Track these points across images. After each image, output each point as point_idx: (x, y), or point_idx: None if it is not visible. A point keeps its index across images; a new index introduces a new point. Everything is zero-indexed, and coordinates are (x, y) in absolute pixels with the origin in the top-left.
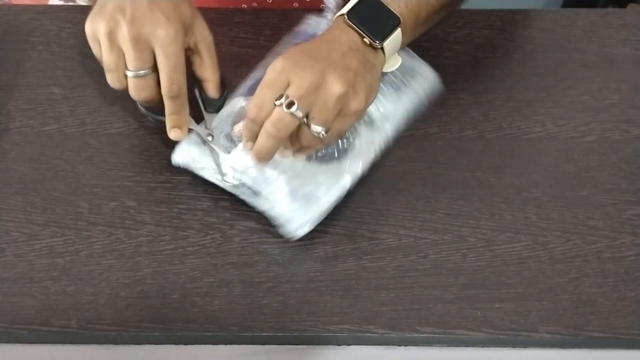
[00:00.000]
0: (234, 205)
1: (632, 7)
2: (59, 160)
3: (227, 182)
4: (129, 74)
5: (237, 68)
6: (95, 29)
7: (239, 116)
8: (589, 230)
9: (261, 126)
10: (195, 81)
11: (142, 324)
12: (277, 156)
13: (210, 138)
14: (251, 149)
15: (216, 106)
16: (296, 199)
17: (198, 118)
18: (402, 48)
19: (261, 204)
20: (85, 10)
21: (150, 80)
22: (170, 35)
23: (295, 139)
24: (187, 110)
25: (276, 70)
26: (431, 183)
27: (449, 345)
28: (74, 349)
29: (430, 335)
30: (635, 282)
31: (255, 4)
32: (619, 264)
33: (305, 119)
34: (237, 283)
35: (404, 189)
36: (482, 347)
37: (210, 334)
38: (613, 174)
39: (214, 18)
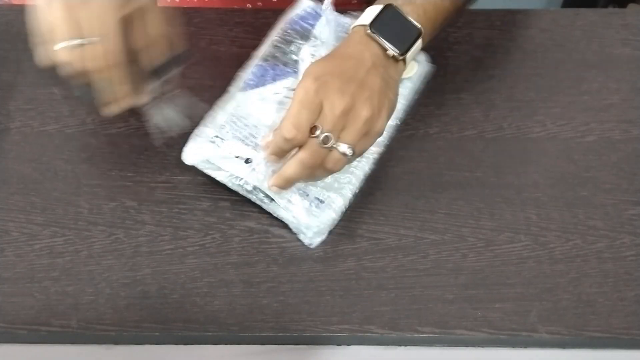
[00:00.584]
0: (234, 205)
1: (632, 7)
2: (59, 160)
3: (242, 186)
4: (65, 44)
5: (237, 68)
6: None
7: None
8: (589, 230)
9: (293, 146)
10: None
11: (142, 324)
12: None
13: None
14: (274, 161)
15: (161, 72)
16: (309, 207)
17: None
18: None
19: (276, 211)
20: None
21: (89, 50)
22: (104, 6)
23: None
24: (125, 83)
25: (309, 92)
26: (431, 183)
27: (449, 345)
28: (74, 349)
29: (430, 335)
30: (635, 282)
31: (260, 4)
32: (619, 264)
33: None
34: (237, 283)
35: (404, 189)
36: (482, 347)
37: (210, 334)
38: (613, 174)
39: (214, 18)
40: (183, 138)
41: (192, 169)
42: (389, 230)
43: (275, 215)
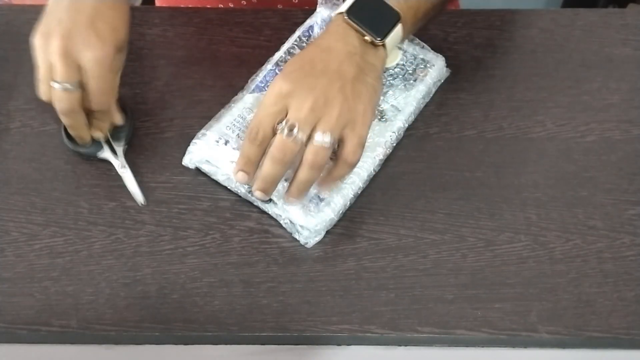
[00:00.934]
0: (234, 205)
1: (632, 7)
2: (59, 160)
3: (240, 189)
4: (55, 85)
5: (237, 68)
6: (34, 37)
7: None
8: (589, 230)
9: (259, 147)
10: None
11: (142, 324)
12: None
13: (124, 169)
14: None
15: (122, 137)
16: (307, 207)
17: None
18: (401, 42)
19: (274, 211)
20: None
21: (74, 95)
22: (98, 58)
23: (321, 170)
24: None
25: (274, 92)
26: (431, 183)
27: (449, 345)
28: (74, 349)
29: (430, 335)
30: (635, 282)
31: (255, 0)
32: (619, 264)
33: (309, 139)
34: (237, 283)
35: (404, 189)
36: (482, 347)
37: (210, 334)
38: (613, 174)
39: (214, 18)
40: (183, 138)
41: (192, 169)
42: (389, 230)
43: (270, 213)
